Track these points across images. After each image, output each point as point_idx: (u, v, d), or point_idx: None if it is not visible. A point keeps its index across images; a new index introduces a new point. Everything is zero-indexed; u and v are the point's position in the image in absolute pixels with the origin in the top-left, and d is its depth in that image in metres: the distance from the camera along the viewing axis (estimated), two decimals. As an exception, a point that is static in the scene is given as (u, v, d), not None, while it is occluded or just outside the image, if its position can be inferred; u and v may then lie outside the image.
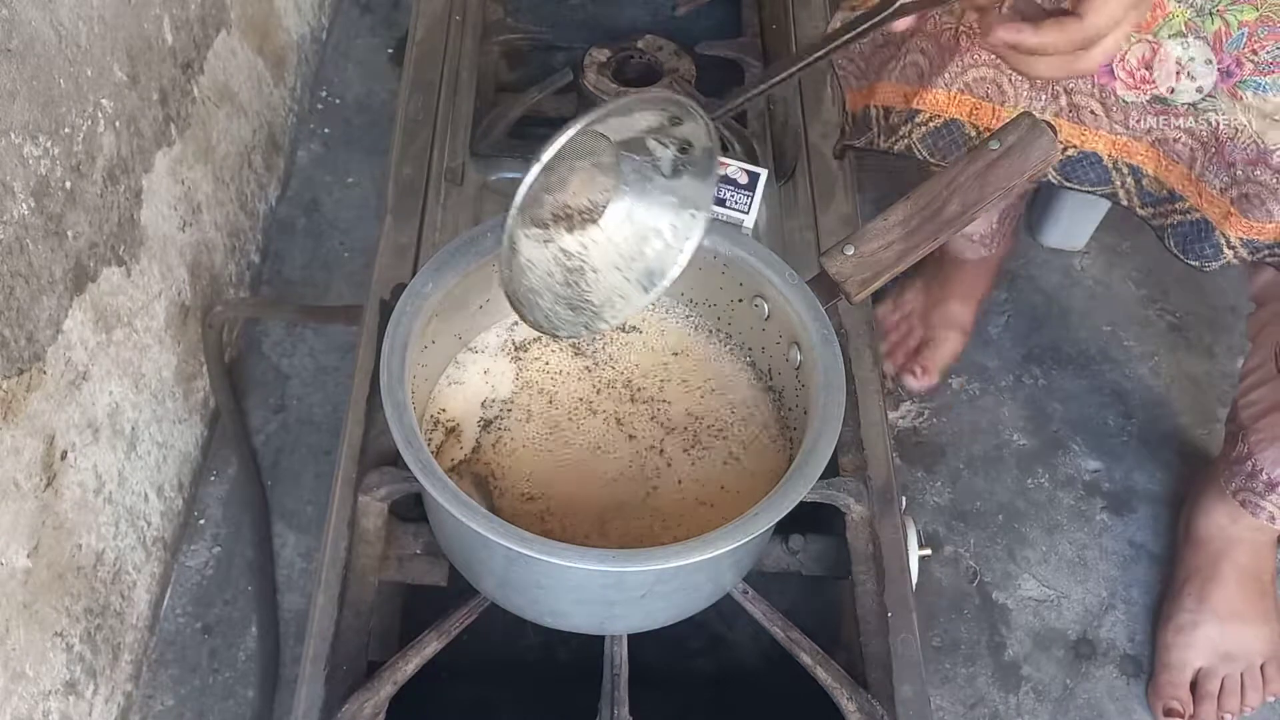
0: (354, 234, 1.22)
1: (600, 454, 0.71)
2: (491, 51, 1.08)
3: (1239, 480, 0.95)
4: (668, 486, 0.70)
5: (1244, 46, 0.73)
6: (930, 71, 0.84)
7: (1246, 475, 0.94)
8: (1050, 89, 0.81)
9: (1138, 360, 1.21)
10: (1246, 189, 0.76)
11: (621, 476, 0.70)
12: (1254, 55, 0.73)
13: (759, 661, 0.81)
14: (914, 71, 0.86)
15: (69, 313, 0.78)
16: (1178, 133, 0.79)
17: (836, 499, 0.76)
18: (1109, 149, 0.82)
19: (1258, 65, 0.73)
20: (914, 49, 0.84)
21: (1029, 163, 0.67)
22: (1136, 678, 1.01)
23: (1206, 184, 0.79)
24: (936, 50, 0.83)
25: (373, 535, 0.74)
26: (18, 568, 0.74)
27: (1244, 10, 0.72)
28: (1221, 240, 0.79)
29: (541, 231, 0.64)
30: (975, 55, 0.80)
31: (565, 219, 0.65)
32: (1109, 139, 0.82)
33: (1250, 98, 0.74)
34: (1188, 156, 0.79)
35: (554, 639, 0.81)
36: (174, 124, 0.95)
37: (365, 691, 0.68)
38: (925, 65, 0.84)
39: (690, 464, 0.71)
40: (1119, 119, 0.80)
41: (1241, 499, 0.96)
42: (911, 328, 1.18)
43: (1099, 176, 0.85)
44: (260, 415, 1.09)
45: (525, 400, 0.73)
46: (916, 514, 1.08)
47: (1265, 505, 0.94)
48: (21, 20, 0.69)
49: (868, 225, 0.67)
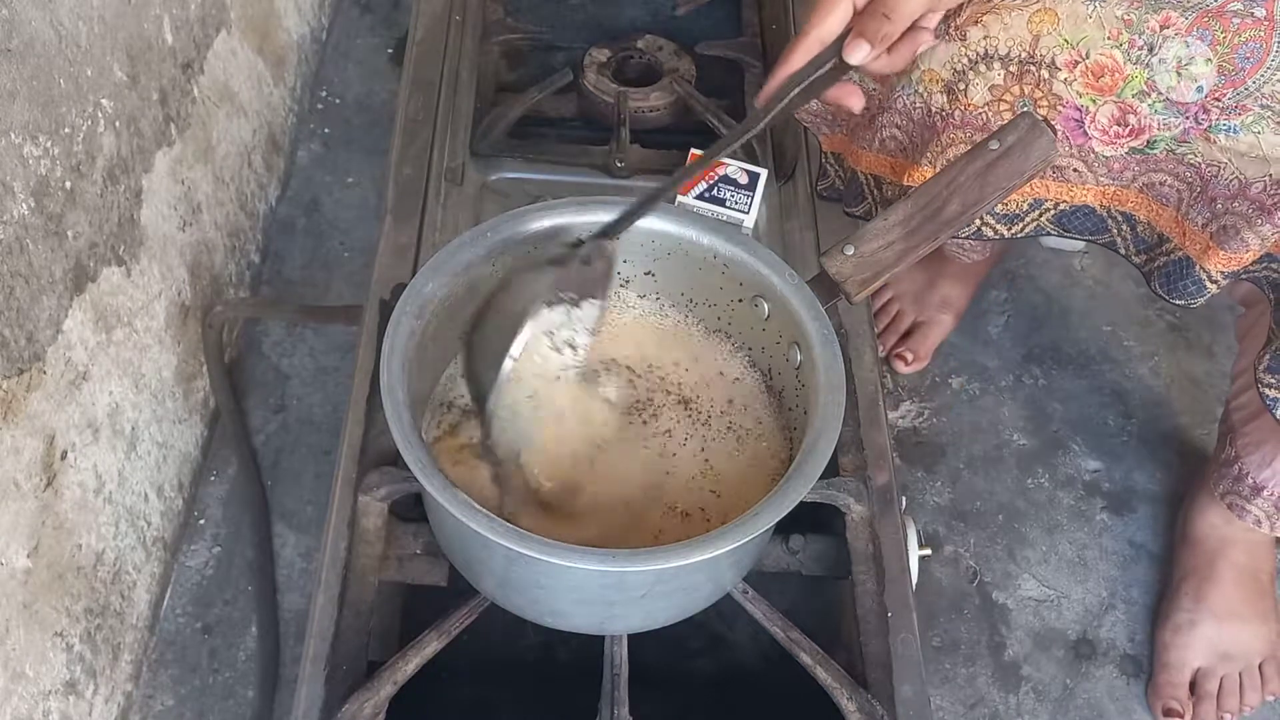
0: (354, 234, 1.22)
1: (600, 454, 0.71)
2: (491, 51, 1.08)
3: (1226, 483, 0.96)
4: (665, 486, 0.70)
5: (1205, 95, 0.74)
6: (911, 147, 0.86)
7: (1234, 478, 0.94)
8: None
9: (1138, 360, 1.21)
10: (1225, 221, 0.77)
11: (621, 475, 0.70)
12: (1218, 102, 0.74)
13: (759, 661, 0.81)
14: (894, 144, 0.87)
15: (69, 313, 0.78)
16: (1162, 175, 0.80)
17: (836, 499, 0.76)
18: (1099, 199, 0.84)
19: (1223, 110, 0.74)
20: (888, 124, 0.86)
21: (1029, 162, 0.67)
22: (1136, 678, 1.01)
23: (1190, 222, 0.80)
24: (912, 126, 0.84)
25: (373, 535, 0.74)
26: (18, 568, 0.74)
27: (1198, 64, 0.73)
28: (1203, 275, 0.80)
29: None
30: (951, 134, 0.82)
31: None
32: (1097, 190, 0.83)
33: (1224, 140, 0.75)
34: (1175, 198, 0.80)
35: (554, 639, 0.81)
36: (174, 124, 0.95)
37: (365, 691, 0.68)
38: (904, 139, 0.86)
39: (689, 463, 0.71)
40: (1102, 172, 0.81)
41: (1229, 502, 0.96)
42: (902, 311, 1.17)
43: (1096, 225, 0.86)
44: (260, 415, 1.09)
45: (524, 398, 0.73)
46: (916, 514, 1.08)
47: (1251, 509, 0.94)
48: (21, 20, 0.69)
49: (868, 225, 0.67)
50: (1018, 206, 0.86)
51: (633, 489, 0.70)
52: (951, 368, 1.18)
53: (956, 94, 0.79)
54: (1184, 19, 0.72)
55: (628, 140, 0.98)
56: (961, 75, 0.79)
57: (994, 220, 0.87)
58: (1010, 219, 0.87)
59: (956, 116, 0.80)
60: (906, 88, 0.82)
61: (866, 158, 0.90)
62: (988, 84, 0.78)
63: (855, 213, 0.94)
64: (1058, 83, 0.76)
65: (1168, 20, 0.72)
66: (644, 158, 0.97)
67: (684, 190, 0.92)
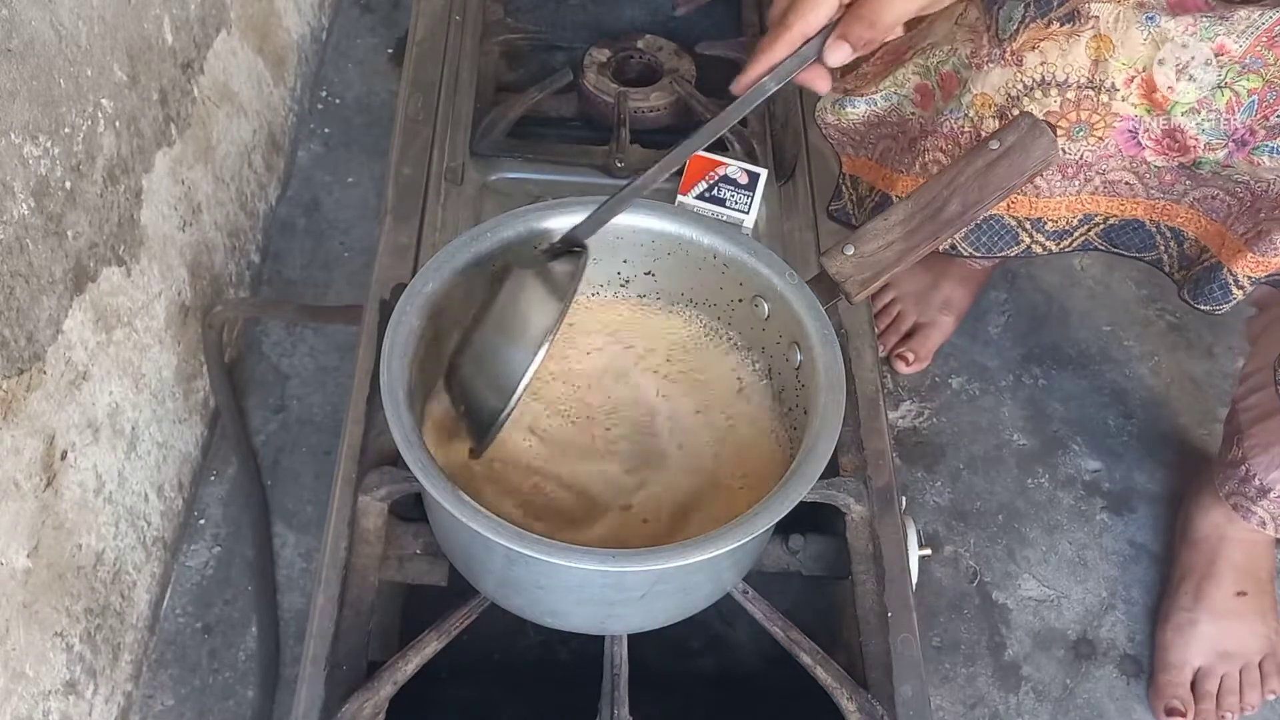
0: (354, 234, 1.22)
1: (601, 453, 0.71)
2: (491, 51, 1.08)
3: (1232, 484, 0.95)
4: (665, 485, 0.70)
5: (1255, 113, 0.74)
6: None
7: (1240, 479, 0.94)
8: (1083, 173, 0.83)
9: (1138, 360, 1.21)
10: (1262, 226, 0.78)
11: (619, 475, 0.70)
12: (1265, 121, 0.74)
13: (759, 661, 0.81)
14: (938, 168, 0.86)
15: (69, 313, 0.78)
16: (1214, 190, 0.80)
17: (836, 499, 0.76)
18: (1149, 214, 0.84)
19: (1269, 130, 0.74)
20: (932, 148, 0.86)
21: (1029, 162, 0.67)
22: (1136, 678, 1.01)
23: (1231, 232, 0.81)
24: (958, 150, 0.84)
25: (373, 535, 0.74)
26: (18, 568, 0.74)
27: (1250, 79, 0.73)
28: (1230, 280, 0.80)
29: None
30: None
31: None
32: (1147, 204, 0.84)
33: (1268, 161, 0.75)
34: (1224, 212, 0.81)
35: (554, 639, 0.81)
36: (174, 124, 0.95)
37: (365, 691, 0.68)
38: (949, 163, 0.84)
39: (689, 463, 0.71)
40: (1154, 184, 0.82)
41: (1234, 502, 0.96)
42: (904, 311, 1.17)
43: (1144, 242, 0.86)
44: (260, 415, 1.09)
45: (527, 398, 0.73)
46: (916, 514, 1.08)
47: (1256, 510, 0.94)
48: (21, 20, 0.69)
49: (868, 225, 0.67)
50: (1067, 222, 0.86)
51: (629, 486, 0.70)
52: (951, 368, 1.18)
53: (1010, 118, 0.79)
54: (1238, 45, 0.73)
55: (628, 140, 0.98)
56: (1016, 100, 0.79)
57: (1043, 237, 0.87)
58: (1060, 234, 0.87)
59: None
60: (955, 112, 0.83)
61: (904, 181, 0.90)
62: (1043, 109, 0.78)
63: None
64: (1116, 101, 0.77)
65: (1222, 48, 0.73)
66: (644, 158, 0.97)
67: (684, 190, 0.92)
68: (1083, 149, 0.81)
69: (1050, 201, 0.85)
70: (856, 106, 0.91)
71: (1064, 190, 0.84)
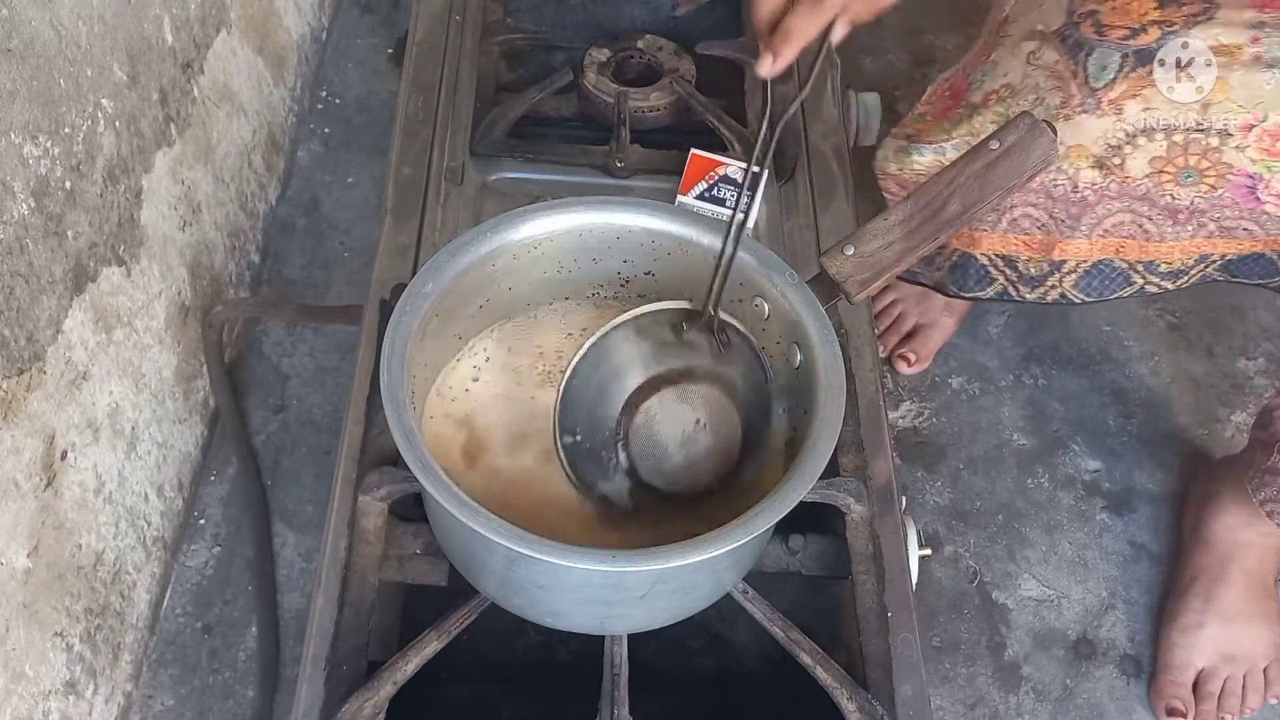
0: (354, 234, 1.22)
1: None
2: (491, 51, 1.08)
3: (1269, 491, 0.93)
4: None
5: None
6: (1054, 224, 0.83)
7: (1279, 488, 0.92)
8: (1195, 219, 0.80)
9: (1138, 360, 1.21)
10: None
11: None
12: None
13: (759, 661, 0.81)
14: (1029, 223, 0.84)
15: (69, 313, 0.78)
16: None
17: (836, 499, 0.76)
18: (1269, 247, 0.82)
19: None
20: (1020, 204, 0.83)
21: (1029, 162, 0.67)
22: (1136, 678, 1.01)
23: None
24: (1052, 203, 0.82)
25: (373, 535, 0.74)
26: (18, 568, 0.74)
27: None
28: None
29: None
30: (1107, 205, 0.80)
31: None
32: (1266, 240, 0.81)
33: None
34: None
35: (554, 639, 0.81)
36: (174, 124, 0.95)
37: (365, 691, 0.68)
38: (1043, 217, 0.84)
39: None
40: (1274, 229, 0.80)
41: (1270, 509, 0.93)
42: (905, 312, 1.17)
43: (1265, 269, 0.84)
44: (260, 415, 1.09)
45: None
46: (916, 514, 1.08)
47: None
48: (21, 20, 0.69)
49: (868, 225, 0.67)
50: (1182, 263, 0.84)
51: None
52: (951, 367, 1.18)
53: (1110, 168, 0.77)
54: None
55: (628, 140, 0.98)
56: (1116, 150, 0.77)
57: (1157, 278, 0.85)
58: (1175, 274, 0.85)
59: (1112, 189, 0.79)
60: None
61: (989, 239, 0.87)
62: (1148, 156, 0.76)
63: (985, 295, 0.91)
64: (1229, 150, 0.75)
65: None
66: (644, 158, 0.97)
67: (684, 190, 0.92)
68: (1193, 195, 0.78)
69: (1161, 246, 0.83)
70: (924, 154, 0.88)
71: (1175, 235, 0.82)
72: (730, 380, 0.68)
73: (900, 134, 0.91)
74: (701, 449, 0.68)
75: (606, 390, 0.68)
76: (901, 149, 0.90)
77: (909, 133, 0.91)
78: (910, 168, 0.90)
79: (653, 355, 0.68)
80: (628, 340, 0.67)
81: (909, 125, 0.92)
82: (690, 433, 0.68)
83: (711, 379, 0.68)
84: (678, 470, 0.68)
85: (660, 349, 0.68)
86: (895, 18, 1.45)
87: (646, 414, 0.68)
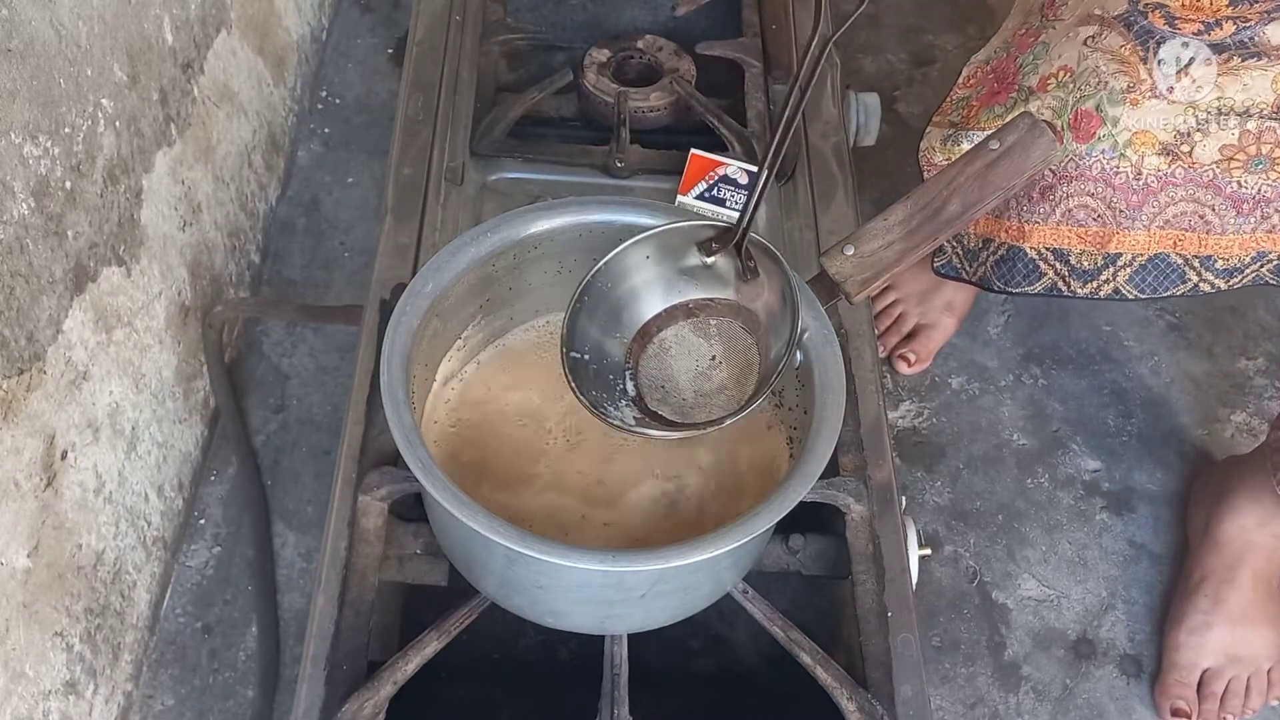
0: (354, 234, 1.22)
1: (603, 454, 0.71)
2: (491, 51, 1.08)
3: None
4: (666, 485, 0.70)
5: None
6: (1111, 214, 0.82)
7: None
8: (1260, 209, 0.80)
9: (1138, 360, 1.21)
10: None
11: (620, 475, 0.70)
12: None
13: (759, 661, 0.81)
14: (1085, 214, 0.83)
15: (69, 313, 0.78)
16: None
17: (836, 499, 0.76)
18: None
19: None
20: (1076, 193, 0.82)
21: (1029, 162, 0.67)
22: (1137, 678, 1.01)
23: None
24: (1112, 193, 0.81)
25: (373, 535, 0.74)
26: (18, 568, 0.74)
27: None
28: None
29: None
30: (1170, 193, 0.79)
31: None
32: None
33: None
34: None
35: (554, 639, 0.81)
36: (174, 124, 0.95)
37: (365, 691, 0.68)
38: (1100, 207, 0.82)
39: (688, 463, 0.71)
40: None
41: None
42: (906, 312, 1.17)
43: None
44: (260, 415, 1.09)
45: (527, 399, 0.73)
46: (916, 514, 1.08)
47: None
48: (21, 20, 0.69)
49: (867, 225, 0.67)
50: (1239, 260, 0.83)
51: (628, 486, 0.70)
52: (951, 367, 1.18)
53: (1179, 155, 0.77)
54: None
55: (628, 140, 0.98)
56: (1186, 137, 0.76)
57: (1212, 275, 0.84)
58: (1230, 272, 0.84)
59: (1178, 175, 0.78)
60: (1107, 152, 0.79)
61: (1041, 232, 0.86)
62: (1219, 143, 0.76)
63: (1033, 291, 0.90)
64: None
65: None
66: (644, 158, 0.97)
67: (684, 190, 0.92)
68: (1261, 184, 0.78)
69: (1222, 239, 0.82)
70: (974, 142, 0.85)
71: (1238, 228, 0.81)
72: (753, 314, 0.65)
73: (944, 121, 0.90)
74: (714, 385, 0.66)
75: (621, 312, 0.65)
76: (949, 137, 0.88)
77: (954, 120, 0.89)
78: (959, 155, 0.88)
79: (675, 280, 0.66)
80: (650, 260, 0.65)
81: (952, 112, 0.89)
82: (704, 369, 0.66)
83: (733, 312, 0.66)
84: (686, 404, 0.66)
85: (683, 274, 0.66)
86: (895, 18, 1.46)
87: (660, 345, 0.66)
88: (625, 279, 0.65)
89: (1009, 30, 0.89)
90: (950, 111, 0.90)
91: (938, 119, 0.91)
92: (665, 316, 0.66)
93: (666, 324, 0.66)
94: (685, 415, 0.66)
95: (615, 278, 0.65)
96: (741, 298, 0.66)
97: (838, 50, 1.06)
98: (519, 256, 0.71)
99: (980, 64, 0.90)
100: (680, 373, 0.66)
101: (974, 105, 0.87)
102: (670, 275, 0.66)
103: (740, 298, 0.66)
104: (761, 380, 0.65)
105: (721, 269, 0.65)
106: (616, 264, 0.64)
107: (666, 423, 0.65)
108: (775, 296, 0.65)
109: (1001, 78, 0.86)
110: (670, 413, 0.66)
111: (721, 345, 0.66)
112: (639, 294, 0.66)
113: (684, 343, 0.66)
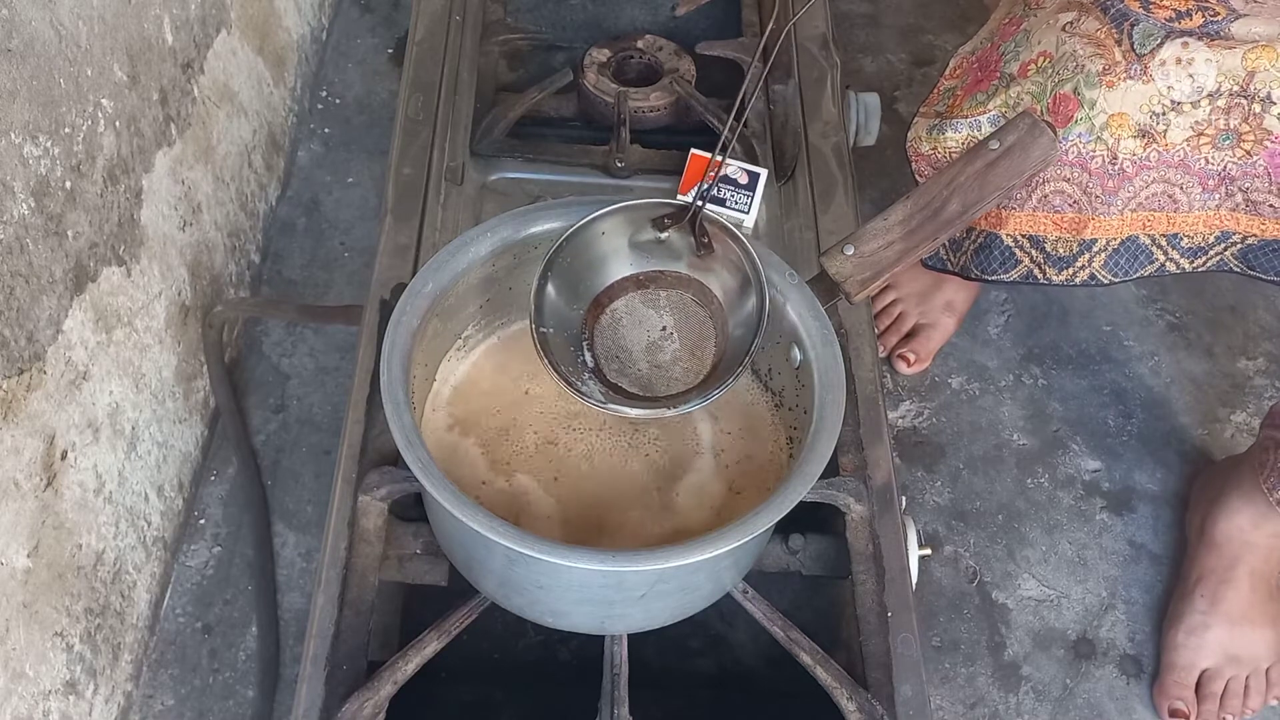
0: (354, 234, 1.22)
1: (602, 455, 0.71)
2: (491, 51, 1.08)
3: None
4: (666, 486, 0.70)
5: None
6: (1087, 200, 0.82)
7: None
8: (1224, 186, 0.80)
9: (1138, 360, 1.21)
10: None
11: (620, 476, 0.70)
12: None
13: (759, 661, 0.81)
14: (1061, 199, 0.83)
15: (69, 313, 0.78)
16: None
17: (836, 499, 0.76)
18: None
19: None
20: (1054, 177, 0.82)
21: (1029, 162, 0.67)
22: (1137, 677, 1.01)
23: None
24: (1088, 178, 0.81)
25: (373, 535, 0.74)
26: (18, 568, 0.74)
27: None
28: None
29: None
30: (1144, 177, 0.79)
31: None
32: None
33: None
34: None
35: (554, 639, 0.81)
36: (174, 124, 0.95)
37: (365, 691, 0.68)
38: (1076, 193, 0.82)
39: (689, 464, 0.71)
40: None
41: None
42: (905, 312, 1.17)
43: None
44: (260, 415, 1.09)
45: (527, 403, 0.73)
46: (916, 514, 1.08)
47: None
48: (21, 20, 0.69)
49: (867, 225, 0.67)
50: (1203, 239, 0.83)
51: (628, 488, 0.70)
52: (951, 367, 1.18)
53: (1154, 136, 0.77)
54: None
55: (628, 140, 0.98)
56: (1160, 117, 0.76)
57: (1178, 254, 0.84)
58: (1194, 251, 0.84)
59: (1152, 159, 0.78)
60: (1084, 136, 0.79)
61: (1016, 218, 0.86)
62: (1190, 121, 0.76)
63: (1009, 279, 0.90)
64: (1270, 118, 0.75)
65: None
66: (644, 158, 0.97)
67: (684, 190, 0.92)
68: (1226, 160, 0.78)
69: (1189, 216, 0.82)
70: (958, 130, 0.86)
71: (1203, 204, 0.81)
72: (704, 286, 0.67)
73: (930, 112, 0.90)
74: (668, 356, 0.68)
75: (579, 284, 0.67)
76: (934, 127, 0.88)
77: (939, 110, 0.89)
78: (944, 145, 0.87)
79: (631, 254, 0.67)
80: (605, 236, 0.67)
81: (937, 102, 0.90)
82: (655, 340, 0.68)
83: (684, 284, 0.67)
84: (643, 375, 0.68)
85: (640, 249, 0.67)
86: (895, 18, 1.46)
87: (612, 315, 0.67)
88: (583, 253, 0.67)
89: (995, 21, 0.90)
90: (936, 102, 0.90)
91: (924, 109, 0.92)
92: (616, 288, 0.68)
93: (618, 295, 0.68)
94: (646, 388, 0.67)
95: (574, 252, 0.67)
96: (693, 271, 0.67)
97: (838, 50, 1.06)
98: (519, 256, 0.71)
99: (966, 55, 0.91)
100: (633, 343, 0.68)
101: (959, 95, 0.88)
102: (629, 249, 0.68)
103: (691, 271, 0.67)
104: (731, 359, 0.66)
105: (675, 244, 0.67)
106: (576, 238, 0.66)
107: (633, 397, 0.66)
108: (733, 273, 0.67)
109: (985, 66, 0.86)
110: (629, 384, 0.67)
111: (672, 316, 0.68)
112: (595, 267, 0.68)
113: (634, 313, 0.68)
